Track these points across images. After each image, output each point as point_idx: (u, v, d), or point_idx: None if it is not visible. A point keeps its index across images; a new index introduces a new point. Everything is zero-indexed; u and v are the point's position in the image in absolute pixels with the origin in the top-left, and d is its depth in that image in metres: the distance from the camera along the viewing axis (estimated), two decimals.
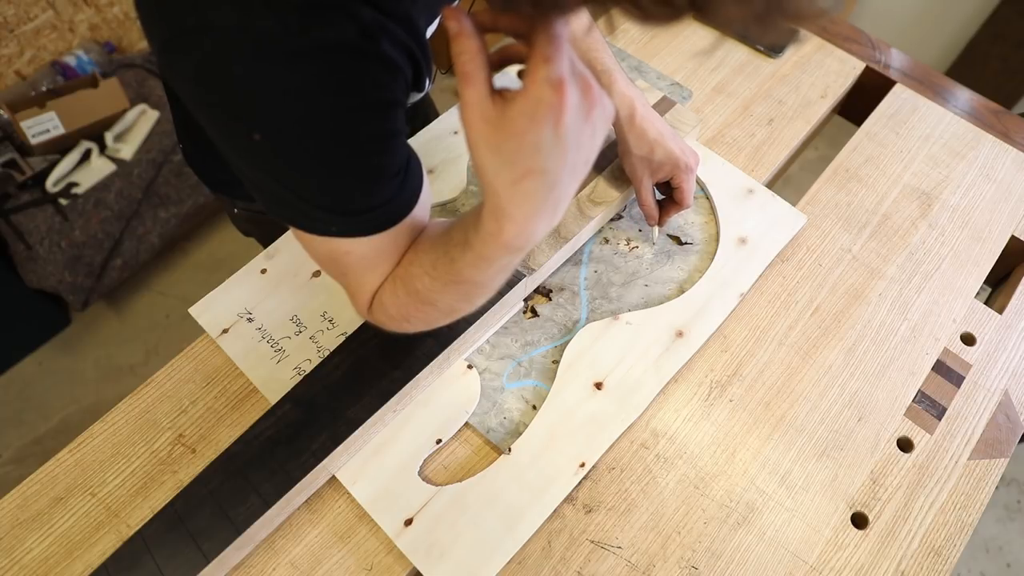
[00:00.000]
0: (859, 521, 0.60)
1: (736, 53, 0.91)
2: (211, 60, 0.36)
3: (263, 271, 0.70)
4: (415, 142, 0.79)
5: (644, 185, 0.69)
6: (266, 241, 0.90)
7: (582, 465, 0.59)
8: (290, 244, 0.71)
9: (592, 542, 0.58)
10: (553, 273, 0.71)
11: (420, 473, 0.59)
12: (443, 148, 0.79)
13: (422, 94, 0.68)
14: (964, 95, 0.90)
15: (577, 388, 0.63)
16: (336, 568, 0.56)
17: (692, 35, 0.93)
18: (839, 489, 0.61)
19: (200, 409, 0.63)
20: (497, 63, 0.41)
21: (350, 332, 0.64)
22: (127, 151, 1.57)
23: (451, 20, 0.37)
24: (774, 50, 0.90)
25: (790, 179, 1.81)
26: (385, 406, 0.58)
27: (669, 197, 0.71)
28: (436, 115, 0.97)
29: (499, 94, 0.37)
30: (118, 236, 1.57)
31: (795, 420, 0.64)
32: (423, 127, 0.92)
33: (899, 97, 0.88)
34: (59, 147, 1.54)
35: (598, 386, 0.63)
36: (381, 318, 0.52)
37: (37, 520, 0.58)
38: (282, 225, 0.65)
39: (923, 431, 0.64)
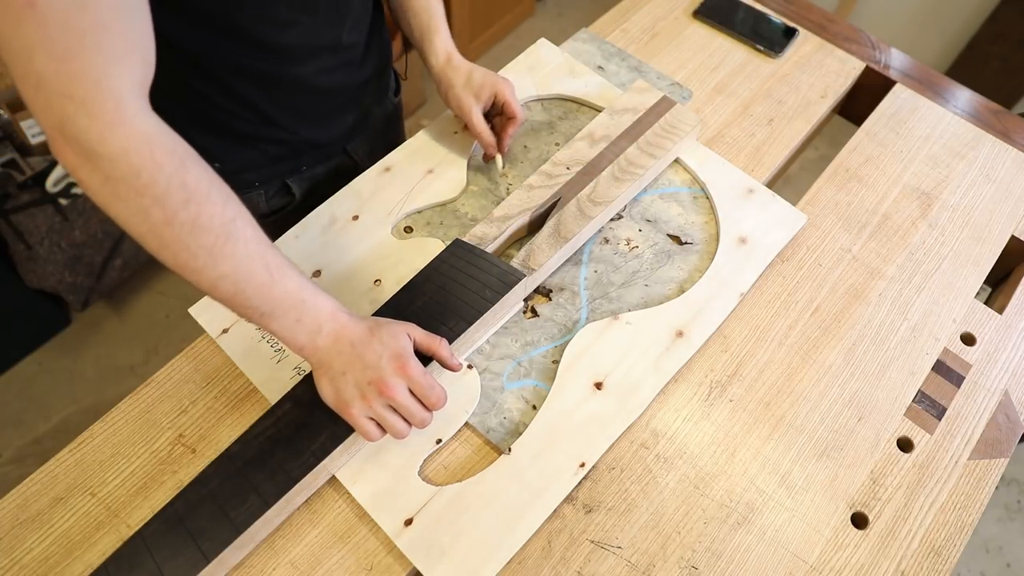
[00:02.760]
0: (859, 521, 0.60)
1: (736, 53, 0.91)
2: None
3: None
4: (415, 141, 0.79)
5: (475, 111, 0.72)
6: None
7: (582, 465, 0.59)
8: (290, 244, 0.71)
9: (592, 542, 0.58)
10: (553, 273, 0.71)
11: (420, 473, 0.59)
12: (443, 148, 0.79)
13: None
14: (964, 95, 0.90)
15: (577, 388, 0.63)
16: (336, 568, 0.56)
17: (692, 35, 0.93)
18: (839, 489, 0.61)
19: (200, 409, 0.63)
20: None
21: None
22: None
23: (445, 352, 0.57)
24: (774, 50, 0.90)
25: (790, 179, 1.81)
26: None
27: (500, 118, 0.76)
28: (403, 134, 0.96)
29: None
30: (118, 236, 1.57)
31: (795, 420, 0.64)
32: (402, 135, 0.92)
33: (899, 97, 0.88)
34: None
35: (598, 386, 0.63)
36: (124, 142, 0.41)
37: (37, 520, 0.58)
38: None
39: (923, 431, 0.64)
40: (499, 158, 0.77)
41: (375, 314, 0.63)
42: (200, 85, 0.66)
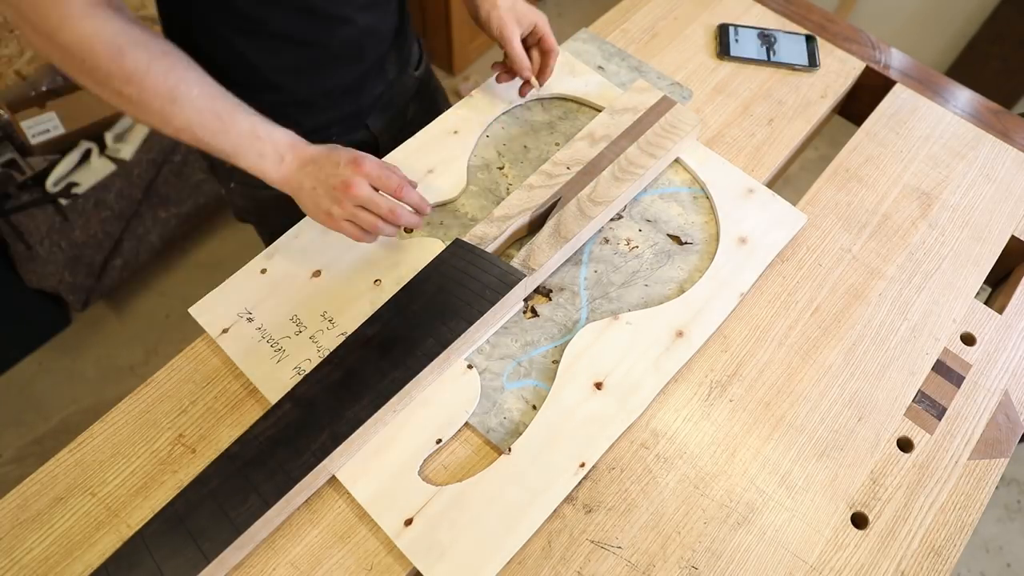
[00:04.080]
0: (859, 521, 0.60)
1: None
2: None
3: (263, 271, 0.70)
4: (415, 142, 0.79)
5: (516, 35, 0.74)
6: (262, 224, 0.89)
7: (582, 465, 0.59)
8: (290, 244, 0.71)
9: (592, 542, 0.58)
10: (553, 273, 0.71)
11: (420, 473, 0.59)
12: (443, 148, 0.79)
13: None
14: (964, 95, 0.90)
15: (577, 388, 0.63)
16: (336, 568, 0.56)
17: (692, 35, 0.93)
18: (839, 489, 0.61)
19: (200, 409, 0.63)
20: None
21: (350, 332, 0.64)
22: (127, 151, 1.57)
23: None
24: (813, 64, 0.90)
25: (790, 179, 1.81)
26: (385, 406, 0.58)
27: (535, 50, 0.77)
28: (445, 101, 0.97)
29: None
30: (118, 236, 1.57)
31: (795, 420, 0.64)
32: (431, 109, 0.92)
33: (899, 97, 0.88)
34: (59, 147, 1.54)
35: (598, 386, 0.63)
36: (68, 39, 0.52)
37: (37, 520, 0.58)
38: (280, 207, 0.66)
39: (923, 431, 0.64)
40: (535, 81, 0.77)
41: (375, 314, 0.63)
42: (250, 52, 0.69)
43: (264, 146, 0.60)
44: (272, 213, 0.76)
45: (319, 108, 0.77)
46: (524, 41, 0.76)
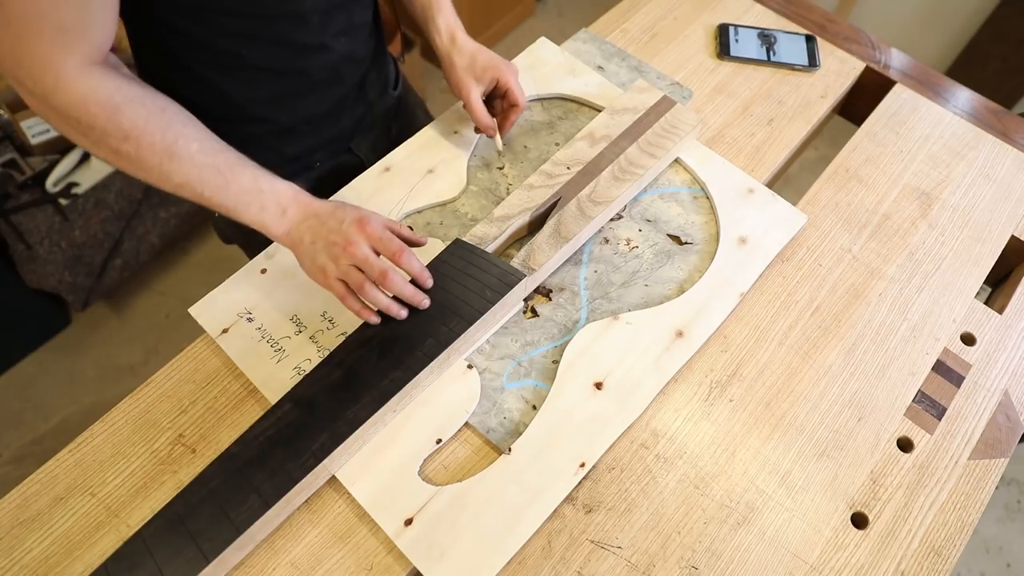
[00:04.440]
0: (859, 521, 0.60)
1: None
2: None
3: (263, 271, 0.70)
4: (415, 141, 0.79)
5: (473, 94, 0.72)
6: (248, 246, 0.89)
7: (582, 465, 0.59)
8: None
9: (592, 542, 0.58)
10: (553, 273, 0.71)
11: (420, 473, 0.59)
12: (443, 148, 0.79)
13: None
14: (964, 95, 0.90)
15: (577, 388, 0.63)
16: (336, 568, 0.56)
17: (692, 35, 0.93)
18: (839, 489, 0.61)
19: (200, 409, 0.63)
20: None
21: (350, 332, 0.64)
22: None
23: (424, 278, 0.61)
24: (813, 64, 0.90)
25: (790, 179, 1.80)
26: (385, 406, 0.58)
27: (502, 102, 0.76)
28: (425, 115, 0.97)
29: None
30: (118, 236, 1.57)
31: (795, 420, 0.64)
32: (412, 125, 0.92)
33: (899, 97, 0.88)
34: (59, 147, 1.54)
35: (598, 386, 0.63)
36: (64, 100, 0.51)
37: (37, 520, 0.58)
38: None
39: (923, 431, 0.64)
40: (498, 139, 0.77)
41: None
42: (228, 85, 0.68)
43: (266, 199, 0.58)
44: (258, 236, 0.76)
45: (300, 135, 0.76)
46: (491, 94, 0.75)
